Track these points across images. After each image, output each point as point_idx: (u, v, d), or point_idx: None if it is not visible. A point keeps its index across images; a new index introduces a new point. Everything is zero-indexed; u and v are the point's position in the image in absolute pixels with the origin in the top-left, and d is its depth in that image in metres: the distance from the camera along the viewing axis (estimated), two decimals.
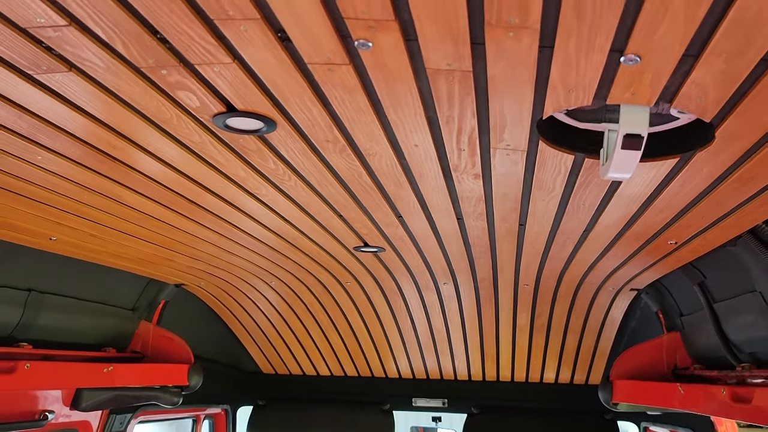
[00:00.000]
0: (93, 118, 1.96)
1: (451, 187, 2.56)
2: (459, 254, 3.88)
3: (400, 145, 2.11)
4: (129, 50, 1.56)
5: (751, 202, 2.31)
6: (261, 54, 1.56)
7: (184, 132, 2.08)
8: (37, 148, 2.16)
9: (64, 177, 2.46)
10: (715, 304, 3.76)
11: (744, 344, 3.52)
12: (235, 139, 2.15)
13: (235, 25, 1.43)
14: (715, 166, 1.99)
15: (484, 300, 5.05)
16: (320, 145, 2.16)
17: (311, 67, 1.61)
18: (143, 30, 1.46)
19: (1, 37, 1.49)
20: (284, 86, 1.73)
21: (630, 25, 1.29)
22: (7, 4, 1.37)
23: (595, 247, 3.37)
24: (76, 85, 1.74)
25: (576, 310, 5.11)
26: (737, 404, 3.07)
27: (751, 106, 1.57)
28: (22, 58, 1.60)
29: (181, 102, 1.86)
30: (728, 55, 1.35)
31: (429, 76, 1.60)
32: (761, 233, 2.76)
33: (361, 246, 3.83)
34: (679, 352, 4.61)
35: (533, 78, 1.54)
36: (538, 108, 1.73)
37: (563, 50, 1.40)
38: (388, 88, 1.69)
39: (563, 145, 1.98)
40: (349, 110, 1.85)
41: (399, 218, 3.15)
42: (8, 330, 3.74)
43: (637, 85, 1.51)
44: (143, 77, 1.70)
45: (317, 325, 5.91)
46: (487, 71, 1.54)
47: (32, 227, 3.16)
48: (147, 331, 4.98)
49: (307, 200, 2.87)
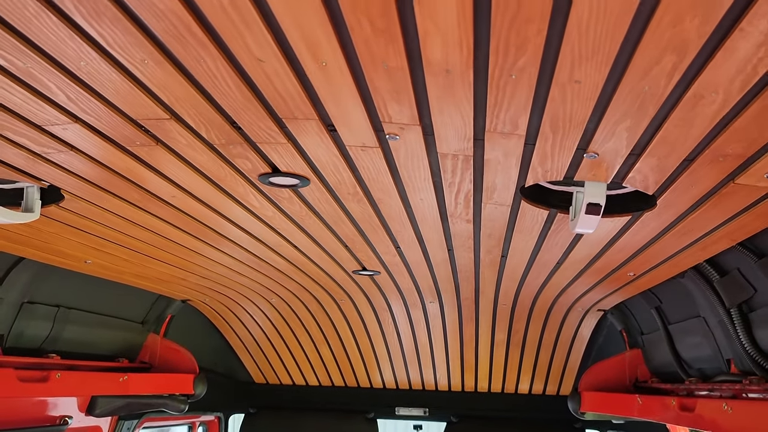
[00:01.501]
0: (159, 174, 2.40)
1: (446, 228, 3.05)
2: (446, 278, 4.36)
3: (408, 199, 2.60)
4: (209, 134, 2.02)
5: (691, 248, 2.84)
6: (311, 138, 2.03)
7: (231, 184, 2.54)
8: (107, 195, 2.60)
9: (117, 214, 2.89)
10: (669, 326, 4.30)
11: (692, 361, 4.06)
12: (273, 191, 2.61)
13: (298, 121, 1.90)
14: (659, 222, 2.51)
15: (466, 318, 5.54)
16: (343, 197, 2.63)
17: (348, 147, 2.09)
18: (225, 122, 1.93)
19: (111, 123, 1.94)
20: (323, 158, 2.19)
21: (590, 136, 1.79)
22: (127, 103, 1.82)
23: (566, 276, 3.88)
24: (159, 156, 2.19)
25: (549, 328, 5.62)
26: (684, 413, 3.59)
27: (680, 186, 2.09)
28: (121, 136, 2.05)
29: (236, 165, 2.32)
30: (659, 156, 1.86)
31: (439, 157, 2.08)
32: (703, 269, 3.30)
33: (359, 270, 4.30)
34: (639, 366, 5.16)
35: (519, 163, 2.04)
36: (521, 180, 2.22)
37: (542, 148, 1.89)
38: (406, 163, 2.17)
39: (540, 202, 2.47)
40: (371, 175, 2.33)
41: (397, 249, 3.62)
42: (39, 342, 4.14)
43: (596, 170, 2.02)
44: (213, 150, 2.16)
45: (309, 338, 6.35)
46: (484, 156, 2.03)
47: (73, 252, 3.57)
48: (155, 343, 5.38)
49: (320, 234, 3.33)
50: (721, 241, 2.71)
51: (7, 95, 1.74)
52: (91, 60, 1.55)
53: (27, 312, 3.89)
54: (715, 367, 3.68)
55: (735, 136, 1.67)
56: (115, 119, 1.92)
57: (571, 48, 1.34)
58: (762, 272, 2.79)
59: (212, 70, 1.59)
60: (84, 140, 2.06)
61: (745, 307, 3.10)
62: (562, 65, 1.41)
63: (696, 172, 1.96)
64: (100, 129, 1.99)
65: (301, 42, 1.43)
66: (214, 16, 1.36)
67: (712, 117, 1.58)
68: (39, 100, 1.76)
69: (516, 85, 1.53)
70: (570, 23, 1.25)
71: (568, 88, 1.51)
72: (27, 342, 4.02)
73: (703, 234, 2.62)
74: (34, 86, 1.70)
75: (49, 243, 3.36)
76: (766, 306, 2.92)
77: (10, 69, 1.61)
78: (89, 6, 1.33)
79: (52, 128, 1.96)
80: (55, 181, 2.43)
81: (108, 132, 2.02)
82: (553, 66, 1.42)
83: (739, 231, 2.54)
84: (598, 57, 1.36)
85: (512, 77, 1.49)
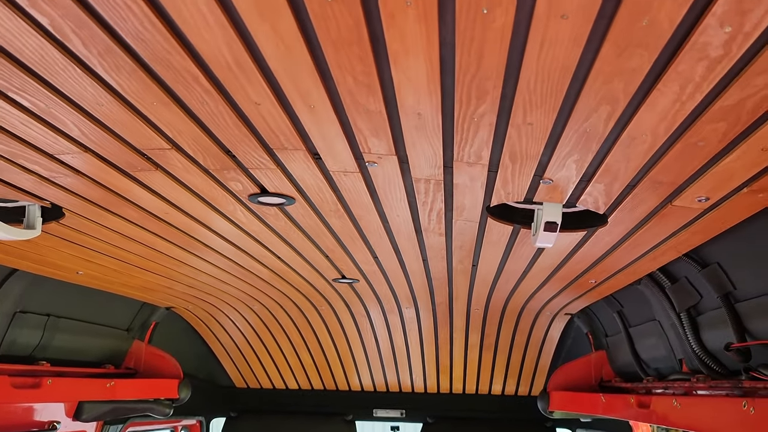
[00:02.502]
0: (156, 195, 2.61)
1: (421, 240, 3.29)
2: (421, 285, 4.61)
3: (386, 215, 2.83)
4: (206, 161, 2.24)
5: (642, 258, 3.12)
6: (298, 165, 2.25)
7: (221, 203, 2.75)
8: (105, 213, 2.79)
9: (113, 229, 3.08)
10: (629, 328, 4.60)
11: (650, 361, 4.36)
12: (260, 208, 2.83)
13: (287, 151, 2.12)
14: (612, 237, 2.79)
15: (441, 322, 5.79)
16: (325, 213, 2.86)
17: (331, 172, 2.32)
18: (221, 151, 2.14)
19: (117, 152, 2.15)
20: (308, 180, 2.42)
21: (545, 166, 2.04)
22: (134, 135, 2.03)
23: (533, 283, 4.16)
24: (158, 179, 2.39)
25: (520, 331, 5.90)
26: (641, 409, 3.88)
27: (626, 207, 2.36)
28: (125, 162, 2.25)
29: (228, 186, 2.53)
30: (605, 183, 2.12)
31: (413, 181, 2.33)
32: (656, 277, 3.58)
33: (339, 278, 4.52)
34: (604, 367, 5.46)
35: (484, 186, 2.29)
36: (486, 200, 2.48)
37: (503, 174, 2.14)
38: (383, 186, 2.41)
39: (505, 219, 2.73)
40: (352, 196, 2.56)
41: (375, 258, 3.85)
42: (30, 350, 4.29)
43: (552, 194, 2.28)
44: (207, 174, 2.37)
45: (290, 343, 6.56)
46: (453, 181, 2.28)
47: (66, 264, 3.74)
48: (140, 349, 5.54)
49: (303, 245, 3.55)
50: (668, 253, 3.00)
51: (26, 130, 1.94)
52: (107, 102, 1.77)
53: (19, 321, 4.05)
54: (670, 367, 3.97)
55: (666, 168, 1.94)
56: (122, 149, 2.12)
57: (522, 99, 1.59)
58: (706, 280, 3.08)
59: (213, 110, 1.81)
60: (90, 166, 2.26)
61: (693, 312, 3.39)
62: (516, 112, 1.66)
63: (638, 196, 2.23)
64: (106, 157, 2.19)
65: (294, 90, 1.66)
66: (219, 70, 1.58)
67: (645, 153, 1.85)
68: (55, 134, 1.97)
69: (478, 126, 1.78)
70: (521, 82, 1.50)
71: (522, 129, 1.76)
72: (19, 350, 4.17)
73: (651, 247, 2.90)
74: (53, 123, 1.90)
75: (44, 256, 3.53)
76: (710, 310, 3.22)
77: (32, 108, 1.81)
78: (111, 61, 1.55)
79: (62, 156, 2.16)
80: (58, 201, 2.62)
81: (113, 159, 2.23)
82: (509, 112, 1.67)
83: (683, 244, 2.82)
84: (546, 106, 1.61)
85: (475, 120, 1.74)
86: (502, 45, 1.35)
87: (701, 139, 1.71)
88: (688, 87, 1.45)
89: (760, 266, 2.70)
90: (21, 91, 1.69)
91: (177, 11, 1.33)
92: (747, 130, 1.65)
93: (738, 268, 2.87)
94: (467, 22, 1.27)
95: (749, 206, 2.24)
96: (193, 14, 1.34)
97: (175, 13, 1.34)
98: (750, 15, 1.17)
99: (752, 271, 2.78)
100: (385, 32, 1.35)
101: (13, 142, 2.02)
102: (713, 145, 1.74)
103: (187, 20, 1.36)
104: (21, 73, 1.59)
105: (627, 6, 1.19)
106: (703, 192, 2.12)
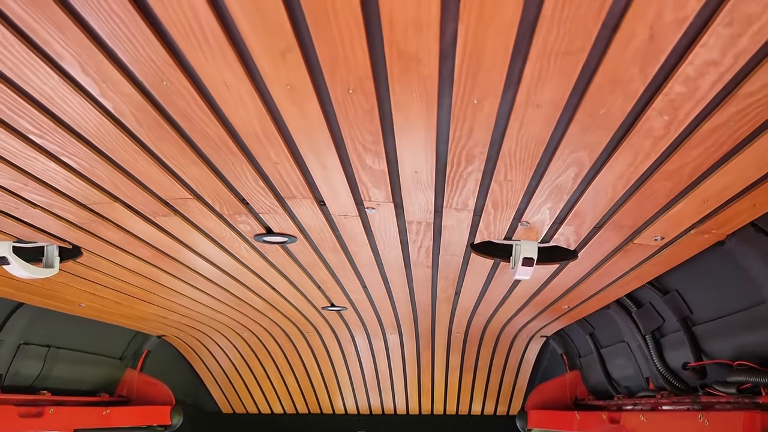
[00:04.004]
0: (170, 236, 2.86)
1: (409, 273, 3.57)
2: (406, 312, 4.88)
3: (379, 251, 3.12)
4: (221, 208, 2.50)
5: (610, 287, 3.45)
6: (304, 210, 2.53)
7: (229, 242, 3.00)
8: (121, 252, 3.03)
9: (125, 267, 3.31)
10: (601, 349, 4.92)
11: (621, 380, 4.68)
12: (263, 246, 3.09)
13: (296, 199, 2.40)
14: (582, 268, 3.11)
15: (423, 346, 6.07)
16: (323, 250, 3.13)
17: (333, 215, 2.60)
18: (238, 201, 2.41)
19: (144, 202, 2.41)
20: (311, 222, 2.70)
21: (522, 212, 2.35)
22: (161, 188, 2.29)
23: (511, 308, 4.46)
24: (175, 223, 2.65)
25: (498, 353, 6.20)
26: (612, 425, 4.19)
27: (594, 244, 2.68)
28: (149, 210, 2.51)
29: (238, 228, 2.79)
30: (575, 225, 2.44)
31: (407, 223, 2.62)
32: (624, 302, 3.92)
33: (328, 306, 4.78)
34: (578, 386, 5.78)
35: (469, 227, 2.59)
36: (471, 238, 2.78)
37: (486, 218, 2.45)
38: (379, 227, 2.70)
39: (486, 254, 3.03)
40: (349, 235, 2.84)
41: (364, 288, 4.12)
42: (31, 380, 4.45)
43: (529, 234, 2.59)
44: (221, 218, 2.64)
45: (276, 368, 6.76)
46: (442, 223, 2.57)
47: (71, 297, 3.95)
48: (132, 377, 5.71)
49: (297, 277, 3.80)
50: (632, 282, 3.33)
51: (67, 185, 2.19)
52: (143, 162, 2.03)
53: (22, 352, 4.22)
54: (638, 385, 4.29)
55: (626, 214, 2.26)
56: (148, 199, 2.38)
57: (504, 162, 1.89)
58: (667, 306, 3.41)
59: (236, 169, 2.09)
60: (117, 213, 2.51)
61: (657, 334, 3.72)
62: (498, 171, 1.97)
63: (603, 235, 2.55)
64: (132, 205, 2.44)
65: (310, 153, 1.95)
66: (247, 138, 1.86)
67: (608, 203, 2.17)
68: (91, 187, 2.22)
69: (466, 181, 2.08)
70: (503, 149, 1.81)
71: (504, 184, 2.07)
72: (21, 380, 4.33)
73: (617, 277, 3.23)
74: (92, 179, 2.16)
75: (53, 291, 3.74)
76: (672, 333, 3.55)
77: (77, 168, 2.07)
78: (157, 132, 1.82)
79: (94, 206, 2.41)
80: (80, 243, 2.85)
81: (138, 207, 2.48)
82: (492, 171, 1.98)
83: (645, 275, 3.16)
84: (524, 167, 1.92)
85: (463, 176, 2.04)
86: (488, 124, 1.65)
87: (653, 193, 2.04)
88: (639, 156, 1.78)
89: (713, 294, 3.04)
90: (73, 155, 1.95)
91: (221, 96, 1.61)
92: (688, 187, 1.98)
93: (694, 295, 3.20)
94: (461, 109, 1.58)
95: (698, 244, 2.58)
96: (234, 98, 1.62)
97: (220, 97, 1.62)
98: (682, 108, 1.50)
99: (706, 298, 3.12)
100: (393, 114, 1.64)
101: (54, 195, 2.26)
102: (663, 197, 2.07)
103: (228, 102, 1.64)
104: (77, 142, 1.86)
105: (588, 100, 1.50)
106: (659, 233, 2.45)
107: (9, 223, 2.53)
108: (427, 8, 1.20)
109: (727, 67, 1.35)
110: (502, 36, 1.27)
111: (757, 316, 2.67)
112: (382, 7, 1.21)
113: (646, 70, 1.37)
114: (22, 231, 2.65)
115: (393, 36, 1.30)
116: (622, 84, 1.43)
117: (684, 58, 1.33)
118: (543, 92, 1.47)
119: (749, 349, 2.78)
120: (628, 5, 1.18)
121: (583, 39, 1.27)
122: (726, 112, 1.53)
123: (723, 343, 3.01)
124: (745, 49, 1.28)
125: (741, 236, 2.47)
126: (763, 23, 1.20)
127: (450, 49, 1.34)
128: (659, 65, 1.36)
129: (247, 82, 1.53)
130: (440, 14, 1.22)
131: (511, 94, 1.51)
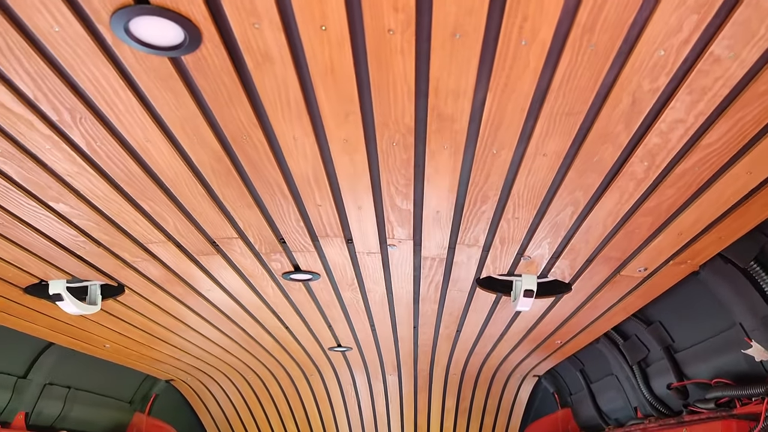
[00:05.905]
0: (208, 274, 3.17)
1: (416, 309, 3.91)
2: (408, 352, 5.18)
3: (392, 288, 3.46)
4: (261, 247, 2.84)
5: (599, 319, 3.81)
6: (333, 248, 2.88)
7: (258, 280, 3.32)
8: (159, 290, 3.33)
9: (157, 304, 3.60)
10: (591, 385, 5.24)
11: (610, 412, 4.98)
12: (288, 284, 3.41)
13: (328, 238, 2.75)
14: (575, 301, 3.47)
15: (420, 387, 6.33)
16: (341, 287, 3.46)
17: (357, 253, 2.95)
18: (276, 239, 2.76)
19: (193, 241, 2.74)
20: (336, 260, 3.04)
21: (525, 247, 2.73)
22: (212, 227, 2.63)
23: (507, 345, 4.78)
24: (215, 262, 2.98)
25: (492, 394, 6.47)
26: None
27: (586, 276, 3.05)
28: (195, 249, 2.83)
29: (269, 266, 3.12)
30: (570, 259, 2.82)
31: (422, 259, 2.98)
32: (611, 335, 4.27)
33: (334, 346, 5.06)
34: (570, 422, 6.04)
35: (477, 263, 2.95)
36: (478, 273, 3.14)
37: (493, 254, 2.82)
38: (397, 263, 3.05)
39: (490, 289, 3.39)
40: (368, 272, 3.19)
41: (372, 327, 4.43)
42: (52, 420, 4.64)
43: (529, 268, 2.96)
44: (257, 256, 2.97)
45: (277, 413, 6.94)
46: (453, 259, 2.94)
47: (99, 337, 4.20)
48: (140, 421, 5.87)
49: (312, 316, 4.11)
50: (619, 314, 3.70)
51: (135, 226, 2.52)
52: (206, 204, 2.38)
53: (47, 392, 4.43)
54: (627, 415, 4.60)
55: (614, 247, 2.65)
56: (198, 238, 2.72)
57: (513, 202, 2.28)
58: (651, 336, 3.77)
59: (285, 211, 2.44)
60: (166, 252, 2.84)
61: (643, 364, 4.06)
62: (507, 210, 2.35)
63: (594, 268, 2.93)
64: (182, 244, 2.78)
65: (350, 196, 2.31)
66: (300, 183, 2.22)
67: (598, 237, 2.56)
68: (153, 227, 2.55)
69: (479, 219, 2.45)
70: (513, 191, 2.19)
71: (511, 222, 2.45)
72: (43, 420, 4.52)
73: (606, 309, 3.59)
74: (158, 221, 2.49)
75: (84, 330, 4.00)
76: (656, 362, 3.89)
77: (149, 211, 2.40)
78: (224, 179, 2.18)
79: (149, 245, 2.74)
80: (127, 282, 3.16)
81: (187, 246, 2.81)
82: (502, 210, 2.36)
83: (630, 306, 3.53)
84: (529, 206, 2.30)
85: (477, 215, 2.42)
86: (503, 170, 2.04)
87: (637, 227, 2.43)
88: (625, 195, 2.17)
89: (691, 322, 3.42)
90: (149, 199, 2.30)
91: (287, 148, 1.98)
92: (666, 221, 2.38)
93: (675, 324, 3.57)
94: (482, 158, 1.97)
95: (676, 274, 2.96)
96: (299, 150, 1.99)
97: (286, 149, 1.99)
98: (658, 156, 1.91)
99: (685, 327, 3.49)
100: (426, 163, 2.02)
101: (118, 234, 2.60)
102: (645, 231, 2.46)
103: (292, 153, 2.01)
104: (156, 188, 2.20)
105: (584, 150, 1.90)
106: (642, 264, 2.83)
107: (71, 261, 2.84)
108: (466, 80, 1.59)
109: (690, 124, 1.76)
110: (521, 101, 1.67)
111: (730, 339, 3.03)
112: (431, 80, 1.60)
113: (630, 127, 1.78)
114: (80, 269, 2.96)
115: (436, 102, 1.69)
116: (611, 137, 1.83)
117: (658, 117, 1.74)
118: (549, 144, 1.87)
119: (725, 368, 3.13)
120: (616, 79, 1.59)
121: (581, 103, 1.67)
122: (692, 159, 1.93)
123: (702, 365, 3.36)
124: (702, 111, 1.69)
125: (712, 267, 2.86)
126: (715, 92, 1.62)
127: (478, 111, 1.74)
128: (639, 122, 1.76)
129: (312, 137, 1.90)
130: (475, 85, 1.61)
131: (523, 145, 1.90)
